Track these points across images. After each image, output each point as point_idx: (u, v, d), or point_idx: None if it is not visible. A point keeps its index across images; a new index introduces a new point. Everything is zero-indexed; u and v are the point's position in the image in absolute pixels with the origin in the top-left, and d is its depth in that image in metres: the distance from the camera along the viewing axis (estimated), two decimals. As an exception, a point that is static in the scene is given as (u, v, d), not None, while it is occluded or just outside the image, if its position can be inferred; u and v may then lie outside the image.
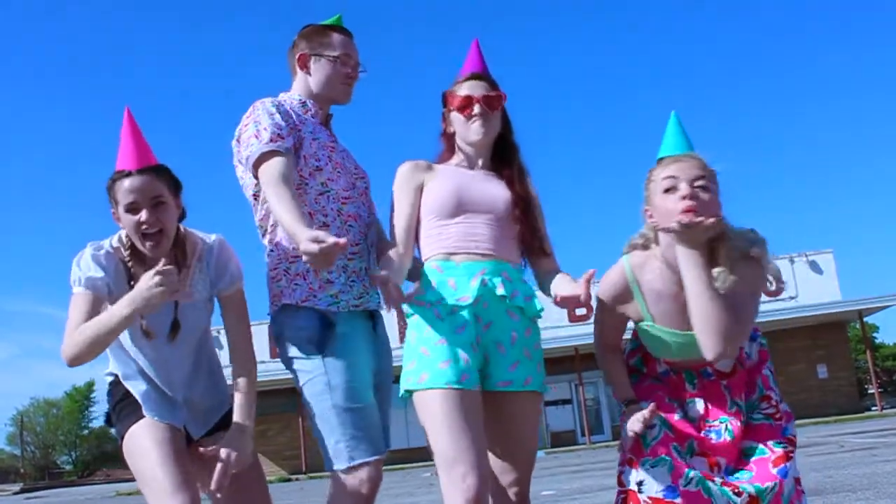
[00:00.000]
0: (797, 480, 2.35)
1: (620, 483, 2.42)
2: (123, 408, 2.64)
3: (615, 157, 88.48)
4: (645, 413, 2.32)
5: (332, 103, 2.79)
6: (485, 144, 2.65)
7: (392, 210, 2.64)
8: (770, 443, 2.33)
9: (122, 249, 2.57)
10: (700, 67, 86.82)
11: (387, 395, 2.77)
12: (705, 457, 2.35)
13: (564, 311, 2.92)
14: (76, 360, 2.45)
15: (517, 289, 2.56)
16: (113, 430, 2.75)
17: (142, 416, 2.58)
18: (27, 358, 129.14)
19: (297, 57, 2.75)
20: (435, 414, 2.41)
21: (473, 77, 2.65)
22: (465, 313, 2.49)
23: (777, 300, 23.96)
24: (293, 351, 2.57)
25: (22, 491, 48.01)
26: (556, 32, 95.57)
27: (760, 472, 2.28)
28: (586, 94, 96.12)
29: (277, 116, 2.56)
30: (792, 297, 24.79)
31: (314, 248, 2.12)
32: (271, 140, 2.50)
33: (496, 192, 2.60)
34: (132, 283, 2.50)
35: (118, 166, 2.53)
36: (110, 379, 2.72)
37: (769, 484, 2.25)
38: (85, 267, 2.52)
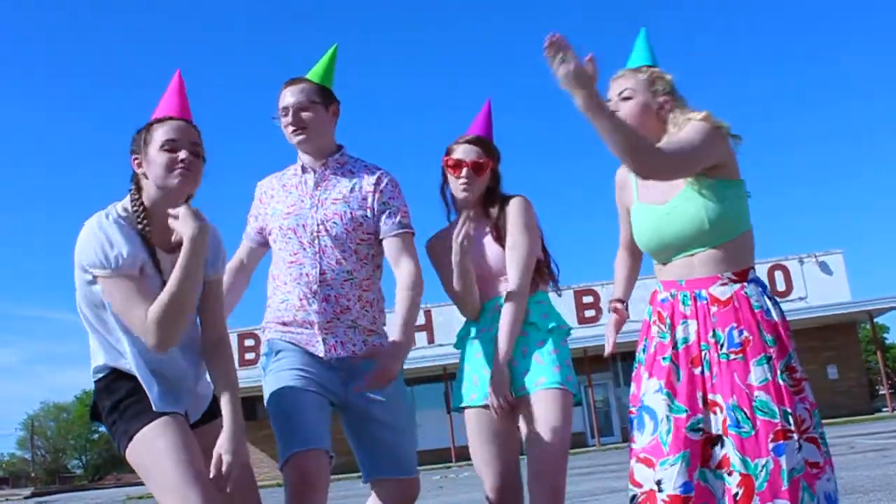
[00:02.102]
0: (810, 463, 2.31)
1: (635, 483, 2.43)
2: (130, 405, 2.43)
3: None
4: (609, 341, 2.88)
5: (307, 153, 2.97)
6: (469, 200, 3.01)
7: (441, 277, 3.09)
8: (783, 409, 2.32)
9: (132, 214, 2.46)
10: (706, 64, 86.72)
11: (377, 424, 2.86)
12: (711, 406, 2.38)
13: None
14: (171, 343, 2.38)
15: (532, 312, 2.93)
16: (104, 428, 2.53)
17: (153, 416, 2.38)
18: (37, 363, 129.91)
19: None
20: (467, 430, 2.99)
21: (470, 141, 3.01)
22: (482, 339, 2.97)
23: (787, 301, 23.91)
24: None
25: (33, 495, 48.22)
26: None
27: (759, 438, 2.29)
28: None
29: (254, 205, 3.07)
30: (801, 298, 24.70)
31: None
32: (245, 230, 3.11)
33: (493, 254, 2.97)
34: (149, 245, 2.42)
35: (160, 114, 2.52)
36: (103, 374, 2.50)
37: (760, 460, 2.27)
38: (117, 242, 2.37)
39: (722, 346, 2.39)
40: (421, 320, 25.44)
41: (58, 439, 78.46)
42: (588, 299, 24.90)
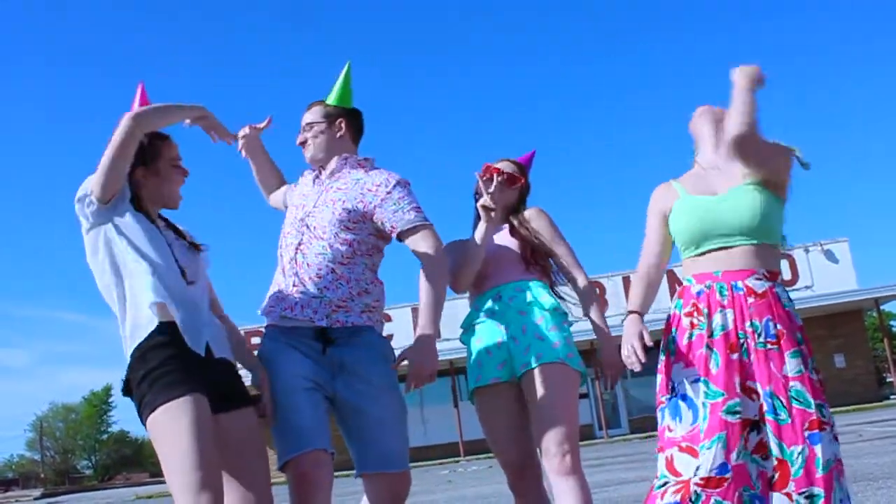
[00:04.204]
0: (837, 459, 2.46)
1: (674, 471, 2.48)
2: (161, 376, 2.50)
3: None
4: (638, 348, 2.64)
5: (317, 165, 3.17)
6: (496, 206, 3.19)
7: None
8: (818, 402, 2.47)
9: None
10: (711, 51, 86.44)
11: (365, 417, 2.84)
12: (748, 393, 2.49)
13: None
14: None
15: (532, 294, 3.12)
16: (133, 401, 2.58)
17: (181, 393, 2.47)
18: (46, 364, 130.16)
19: None
20: (479, 412, 3.16)
21: (509, 160, 3.38)
22: (485, 324, 3.16)
23: (793, 289, 23.88)
24: None
25: (43, 496, 48.41)
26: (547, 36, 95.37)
27: (795, 426, 2.43)
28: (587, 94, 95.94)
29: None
30: (808, 287, 24.65)
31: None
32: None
33: (506, 244, 3.21)
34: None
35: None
36: (142, 338, 2.56)
37: (796, 447, 2.41)
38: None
39: (759, 335, 2.52)
40: (427, 315, 25.41)
41: (66, 440, 78.71)
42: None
